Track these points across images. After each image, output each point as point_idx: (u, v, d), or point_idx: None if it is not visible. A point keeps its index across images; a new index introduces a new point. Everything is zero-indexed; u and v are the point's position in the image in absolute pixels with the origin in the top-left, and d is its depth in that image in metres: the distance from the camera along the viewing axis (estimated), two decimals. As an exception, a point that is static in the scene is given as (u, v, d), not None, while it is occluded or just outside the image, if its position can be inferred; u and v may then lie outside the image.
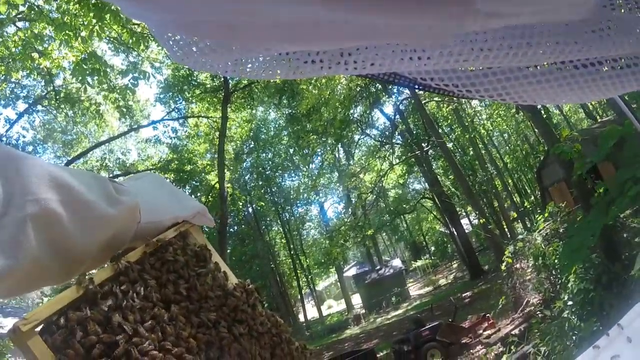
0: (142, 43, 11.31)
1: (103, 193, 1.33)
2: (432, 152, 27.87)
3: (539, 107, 12.02)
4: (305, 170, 35.03)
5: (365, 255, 40.22)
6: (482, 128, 32.00)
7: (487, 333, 11.29)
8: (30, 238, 1.09)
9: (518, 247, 10.29)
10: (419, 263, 41.77)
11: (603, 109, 25.03)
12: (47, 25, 10.22)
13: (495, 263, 18.82)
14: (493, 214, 28.78)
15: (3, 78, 13.62)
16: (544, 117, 15.54)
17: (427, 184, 30.17)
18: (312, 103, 23.39)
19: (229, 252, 25.10)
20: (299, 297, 37.36)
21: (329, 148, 30.60)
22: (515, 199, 34.94)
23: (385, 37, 0.78)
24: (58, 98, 16.09)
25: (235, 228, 32.76)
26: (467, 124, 29.35)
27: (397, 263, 35.19)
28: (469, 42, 0.82)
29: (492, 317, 11.77)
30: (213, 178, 23.88)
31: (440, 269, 38.39)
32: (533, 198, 28.10)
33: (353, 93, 23.86)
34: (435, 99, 24.83)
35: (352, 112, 26.34)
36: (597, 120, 21.33)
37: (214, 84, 21.54)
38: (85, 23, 9.86)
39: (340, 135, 26.62)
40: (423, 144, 26.50)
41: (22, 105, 18.10)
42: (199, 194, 24.66)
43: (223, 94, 19.44)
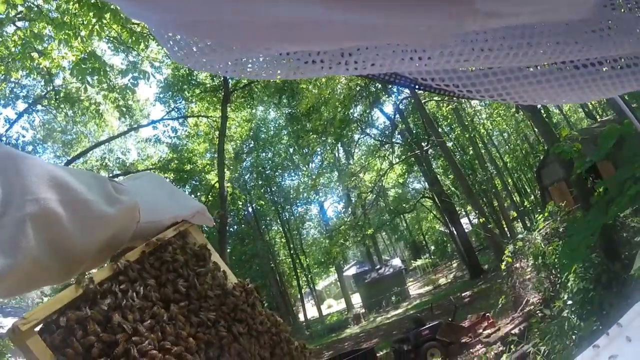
0: (141, 42, 11.30)
1: (102, 193, 1.33)
2: (431, 151, 27.88)
3: (539, 106, 12.01)
4: (305, 170, 35.05)
5: (365, 255, 40.22)
6: (481, 127, 32.02)
7: (487, 332, 11.30)
8: (30, 238, 1.09)
9: (518, 246, 10.29)
10: (419, 262, 41.81)
11: (603, 109, 25.02)
12: (46, 25, 10.21)
13: (495, 262, 18.82)
14: (493, 214, 28.80)
15: (3, 78, 13.60)
16: (544, 116, 15.53)
17: (426, 184, 30.19)
18: (312, 102, 23.41)
19: (229, 251, 25.09)
20: (299, 296, 37.40)
21: (329, 147, 30.61)
22: (515, 199, 34.95)
23: (385, 37, 0.78)
24: (58, 98, 16.07)
25: (235, 227, 32.77)
26: (466, 124, 29.37)
27: (396, 262, 35.22)
28: (469, 42, 0.82)
29: (492, 316, 11.78)
30: (213, 177, 23.89)
31: (440, 269, 38.41)
32: (533, 197, 28.10)
33: (353, 92, 23.85)
34: (435, 99, 24.82)
35: (352, 111, 26.34)
36: (596, 120, 21.32)
37: (214, 84, 21.53)
38: (85, 22, 9.85)
39: (340, 135, 26.62)
40: (423, 144, 26.50)
41: (21, 105, 18.10)
42: (199, 194, 24.67)
43: (223, 94, 19.44)
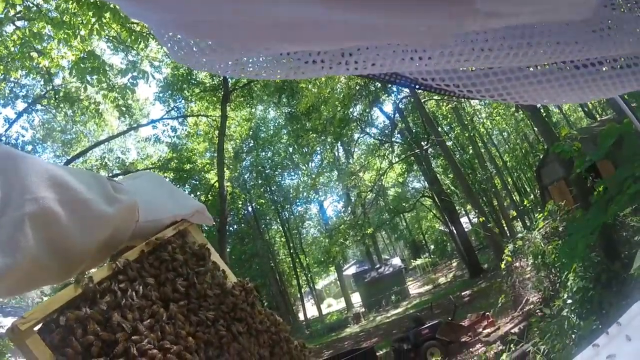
0: (141, 42, 11.28)
1: (102, 192, 1.33)
2: (431, 150, 27.87)
3: (539, 106, 12.02)
4: (305, 169, 35.05)
5: (365, 254, 40.22)
6: (481, 127, 32.01)
7: (486, 331, 11.30)
8: (29, 237, 1.09)
9: (517, 245, 10.28)
10: (419, 262, 41.82)
11: (602, 108, 25.03)
12: (45, 24, 10.20)
13: (495, 262, 18.84)
14: (492, 213, 28.80)
15: (2, 77, 13.59)
16: (544, 115, 15.54)
17: (426, 183, 30.20)
18: (311, 102, 23.40)
19: (229, 250, 25.10)
20: (299, 295, 37.42)
21: (329, 147, 30.63)
22: (515, 198, 34.96)
23: (385, 37, 0.77)
24: (57, 97, 16.09)
25: (235, 227, 32.78)
26: (466, 123, 29.36)
27: (396, 262, 35.23)
28: (470, 42, 0.82)
29: (491, 315, 11.79)
30: (212, 177, 23.90)
31: (440, 268, 38.43)
32: (532, 197, 28.06)
33: (352, 92, 23.85)
34: (435, 98, 24.82)
35: (351, 110, 26.34)
36: (596, 119, 21.32)
37: (214, 83, 21.54)
38: (84, 22, 9.83)
39: (340, 134, 26.61)
40: (422, 143, 26.50)
41: (21, 105, 18.10)
42: (199, 193, 24.68)
43: (222, 93, 19.44)
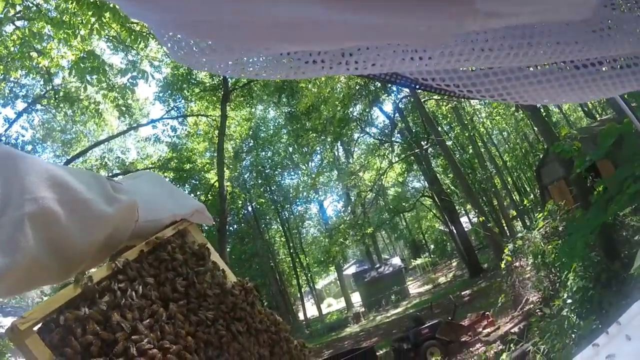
0: (141, 41, 11.27)
1: (101, 192, 1.32)
2: (431, 150, 27.87)
3: (539, 106, 12.01)
4: (305, 169, 35.04)
5: (365, 254, 40.21)
6: (481, 126, 32.00)
7: (486, 331, 11.29)
8: (29, 237, 1.09)
9: (517, 245, 10.28)
10: (419, 261, 41.79)
11: (602, 108, 25.03)
12: (45, 24, 10.19)
13: (495, 261, 18.83)
14: (492, 212, 28.79)
15: (2, 77, 13.59)
16: (543, 115, 15.54)
17: (426, 182, 30.18)
18: (311, 101, 23.40)
19: (229, 250, 25.10)
20: (299, 295, 37.41)
21: (329, 146, 30.60)
22: (515, 197, 34.95)
23: (386, 37, 0.77)
24: (57, 97, 16.08)
25: (235, 227, 32.78)
26: (466, 122, 29.35)
27: (396, 261, 35.23)
28: (470, 42, 0.82)
29: (491, 315, 11.78)
30: (212, 177, 23.90)
31: (440, 267, 38.43)
32: (532, 196, 28.06)
33: (352, 91, 23.84)
34: (435, 98, 24.81)
35: (351, 110, 26.33)
36: (596, 119, 21.32)
37: (213, 83, 21.54)
38: (84, 22, 9.82)
39: (340, 134, 26.60)
40: (422, 142, 26.50)
41: (21, 105, 18.10)
42: (199, 193, 24.68)
43: (222, 93, 19.44)
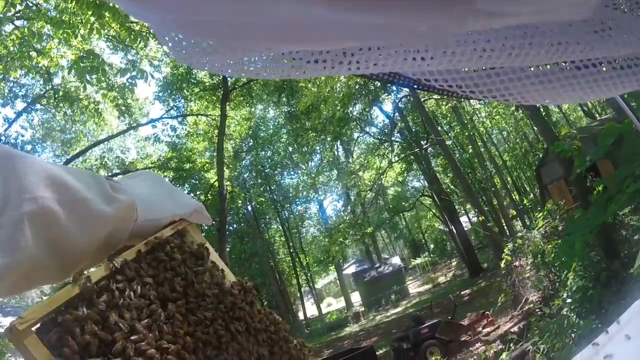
0: (140, 41, 11.27)
1: (100, 191, 1.32)
2: (431, 149, 27.88)
3: (539, 105, 12.01)
4: (305, 168, 35.04)
5: (365, 253, 40.23)
6: (481, 126, 31.99)
7: (486, 330, 11.30)
8: (28, 237, 1.09)
9: (517, 244, 10.28)
10: (418, 261, 41.81)
11: (602, 107, 25.05)
12: (45, 24, 10.18)
13: (495, 261, 18.84)
14: (492, 212, 28.80)
15: (1, 77, 13.58)
16: (543, 115, 15.53)
17: (426, 182, 30.19)
18: (311, 101, 23.39)
19: (229, 250, 25.09)
20: (299, 295, 37.45)
21: (328, 146, 30.60)
22: (515, 197, 34.95)
23: (387, 37, 0.77)
24: (57, 96, 16.08)
25: (235, 226, 32.79)
26: (466, 122, 29.34)
27: (396, 261, 35.27)
28: (471, 42, 0.82)
29: (491, 314, 11.79)
30: (212, 176, 23.89)
31: (440, 267, 38.46)
32: (532, 196, 28.07)
33: (352, 91, 23.84)
34: (434, 97, 24.80)
35: (351, 109, 26.33)
36: (596, 119, 21.33)
37: (213, 82, 21.54)
38: (84, 21, 9.82)
39: (340, 133, 26.61)
40: (422, 142, 26.50)
41: (20, 104, 18.11)
42: (198, 192, 24.69)
43: (222, 92, 19.44)
